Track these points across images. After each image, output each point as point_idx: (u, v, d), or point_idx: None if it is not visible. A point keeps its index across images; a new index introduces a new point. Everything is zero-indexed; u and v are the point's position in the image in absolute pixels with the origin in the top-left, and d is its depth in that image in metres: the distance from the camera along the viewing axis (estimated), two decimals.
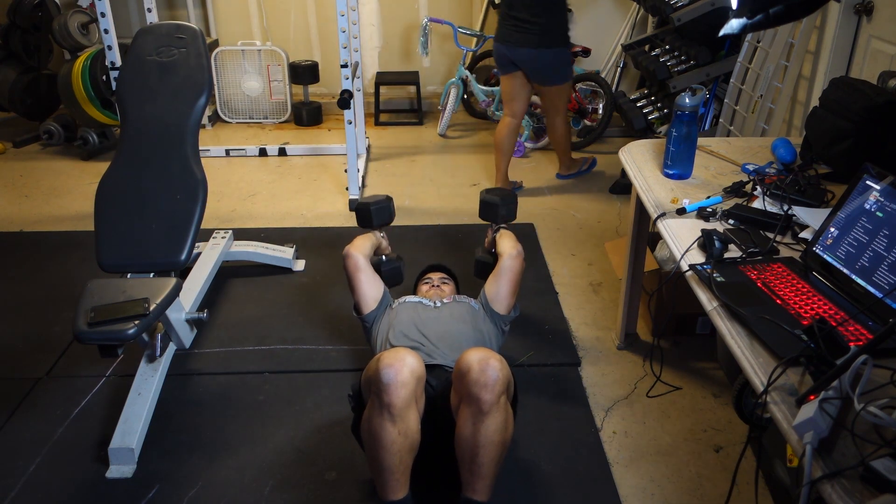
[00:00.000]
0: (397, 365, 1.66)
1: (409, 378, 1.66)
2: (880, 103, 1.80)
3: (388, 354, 1.70)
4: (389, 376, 1.64)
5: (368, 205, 2.44)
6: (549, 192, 3.87)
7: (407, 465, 1.69)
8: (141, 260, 2.17)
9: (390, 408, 1.64)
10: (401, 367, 1.66)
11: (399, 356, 1.69)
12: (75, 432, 2.15)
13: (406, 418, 1.66)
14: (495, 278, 2.25)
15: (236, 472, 2.00)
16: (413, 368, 1.68)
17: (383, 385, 1.64)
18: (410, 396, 1.67)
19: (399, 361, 1.67)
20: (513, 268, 2.23)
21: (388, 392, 1.64)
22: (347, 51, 3.36)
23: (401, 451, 1.66)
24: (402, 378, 1.65)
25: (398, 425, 1.65)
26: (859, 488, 0.96)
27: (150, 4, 3.99)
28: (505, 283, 2.23)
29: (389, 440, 1.65)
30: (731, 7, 1.60)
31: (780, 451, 1.77)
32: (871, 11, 2.73)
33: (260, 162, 4.35)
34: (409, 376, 1.67)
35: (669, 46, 4.07)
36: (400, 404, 1.64)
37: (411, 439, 1.68)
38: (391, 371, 1.65)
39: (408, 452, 1.68)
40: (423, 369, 1.74)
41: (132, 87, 2.39)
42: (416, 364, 1.71)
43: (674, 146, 1.98)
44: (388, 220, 2.51)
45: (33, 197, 3.81)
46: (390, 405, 1.64)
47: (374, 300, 2.23)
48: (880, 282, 1.35)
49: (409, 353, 1.73)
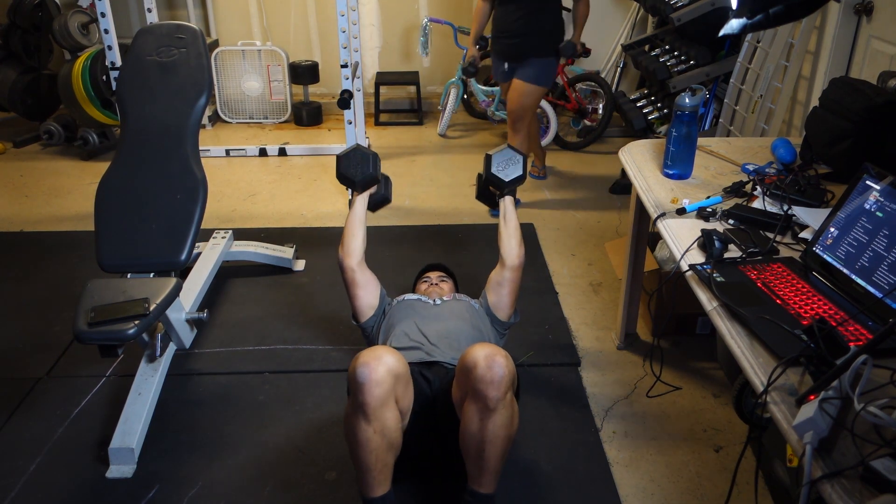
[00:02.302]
0: (372, 364, 1.65)
1: (384, 376, 1.65)
2: (880, 103, 1.80)
3: (365, 353, 1.70)
4: (364, 375, 1.64)
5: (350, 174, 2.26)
6: (549, 193, 3.87)
7: (385, 462, 1.69)
8: (141, 260, 2.17)
9: (365, 407, 1.64)
10: (376, 366, 1.65)
11: (375, 354, 1.68)
12: (75, 432, 2.15)
13: (382, 417, 1.66)
14: (498, 287, 2.23)
15: (236, 472, 2.00)
16: (390, 367, 1.67)
17: (357, 384, 1.64)
18: (386, 395, 1.66)
19: (375, 360, 1.66)
20: (516, 279, 2.23)
21: (362, 391, 1.63)
22: (347, 51, 3.36)
23: (377, 450, 1.66)
24: (376, 377, 1.64)
25: (373, 424, 1.65)
26: (859, 488, 0.96)
27: (150, 4, 3.99)
28: (507, 294, 2.22)
29: (365, 438, 1.65)
30: (731, 7, 1.60)
31: (780, 451, 1.77)
32: (870, 11, 2.73)
33: (260, 162, 4.36)
34: (385, 374, 1.65)
35: (669, 46, 4.07)
36: (374, 403, 1.64)
37: (389, 438, 1.68)
38: (365, 370, 1.64)
39: (386, 451, 1.68)
40: (402, 367, 1.72)
41: (132, 87, 2.39)
42: (395, 362, 1.69)
43: (674, 146, 1.98)
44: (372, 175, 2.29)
45: (33, 197, 3.82)
46: (364, 404, 1.63)
47: (370, 308, 2.22)
48: (880, 282, 1.35)
49: (389, 351, 1.72)
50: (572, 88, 4.52)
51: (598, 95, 4.60)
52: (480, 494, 1.72)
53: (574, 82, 4.56)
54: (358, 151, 2.29)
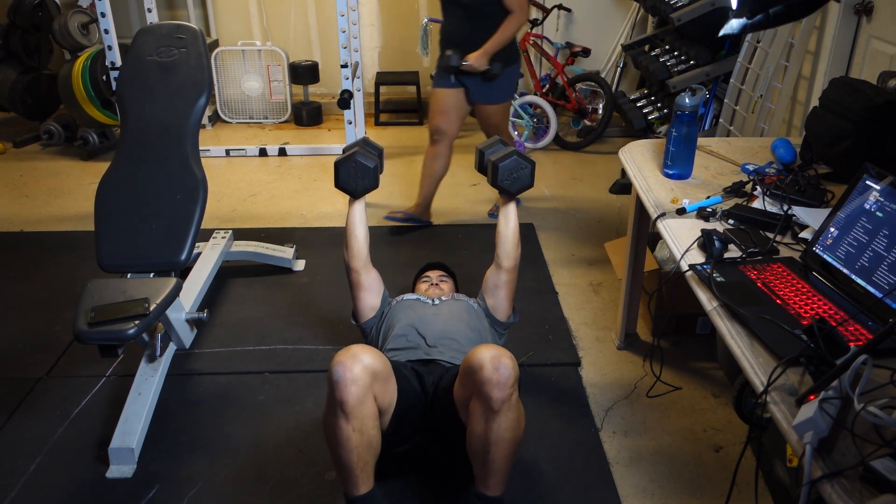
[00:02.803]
0: (348, 362, 1.65)
1: (360, 374, 1.65)
2: (880, 103, 1.80)
3: (342, 352, 1.69)
4: (339, 374, 1.63)
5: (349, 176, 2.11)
6: (550, 192, 3.87)
7: (366, 461, 1.68)
8: (141, 260, 2.17)
9: (342, 405, 1.63)
10: (351, 365, 1.65)
11: (351, 353, 1.68)
12: (75, 432, 2.15)
13: (360, 415, 1.65)
14: (495, 290, 2.23)
15: (236, 472, 2.00)
16: (366, 365, 1.67)
17: (333, 382, 1.64)
18: (363, 393, 1.65)
19: (350, 359, 1.66)
20: (512, 280, 2.22)
21: (338, 389, 1.63)
22: (347, 51, 3.37)
23: (358, 448, 1.66)
24: (351, 375, 1.63)
25: (352, 422, 1.64)
26: (859, 488, 0.96)
27: (150, 4, 4.00)
28: (504, 297, 2.22)
29: (345, 437, 1.65)
30: (731, 7, 1.60)
31: (780, 451, 1.77)
32: (871, 11, 2.73)
33: (260, 162, 4.35)
34: (361, 373, 1.65)
35: (669, 46, 4.07)
36: (351, 402, 1.63)
37: (368, 436, 1.67)
38: (341, 368, 1.64)
39: (366, 449, 1.68)
40: (380, 364, 1.72)
41: (132, 87, 2.39)
42: (372, 360, 1.69)
43: (674, 146, 1.98)
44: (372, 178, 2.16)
45: (33, 197, 3.82)
46: (342, 402, 1.63)
47: (371, 310, 2.22)
48: (880, 282, 1.35)
49: (365, 349, 1.72)
50: (572, 88, 4.52)
51: (598, 95, 4.60)
52: (487, 497, 1.71)
53: (574, 82, 4.56)
54: (358, 161, 2.09)
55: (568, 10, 4.83)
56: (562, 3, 4.74)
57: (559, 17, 4.86)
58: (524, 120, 4.42)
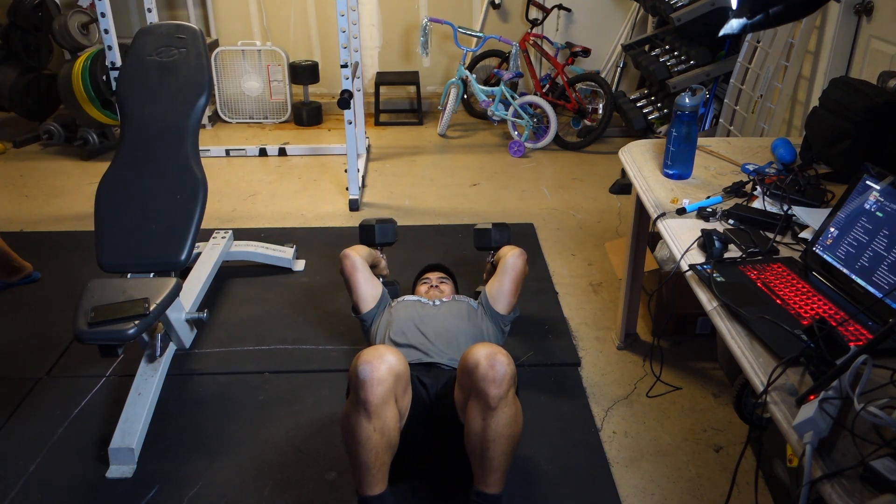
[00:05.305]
0: (375, 362, 1.65)
1: (386, 375, 1.65)
2: (880, 103, 1.80)
3: (368, 351, 1.70)
4: (366, 373, 1.64)
5: (373, 223, 2.58)
6: (549, 192, 3.87)
7: (384, 461, 1.69)
8: (141, 260, 2.17)
9: (366, 405, 1.64)
10: (378, 364, 1.65)
11: (378, 353, 1.69)
12: (75, 432, 2.15)
13: (383, 416, 1.66)
14: (498, 277, 2.24)
15: (236, 472, 2.00)
16: (392, 366, 1.67)
17: (360, 381, 1.64)
18: (387, 394, 1.66)
19: (377, 359, 1.67)
20: (515, 266, 2.23)
21: (364, 388, 1.63)
22: (347, 51, 3.36)
23: (377, 448, 1.66)
24: (378, 375, 1.64)
25: (374, 422, 1.65)
26: (859, 488, 0.96)
27: (150, 4, 3.99)
28: (507, 282, 2.22)
29: (365, 436, 1.65)
30: (731, 7, 1.60)
31: (780, 451, 1.77)
32: (871, 11, 2.73)
33: (260, 162, 4.35)
34: (387, 373, 1.66)
35: (669, 46, 4.07)
36: (376, 401, 1.64)
37: (388, 437, 1.68)
38: (368, 367, 1.64)
39: (385, 450, 1.68)
40: (403, 367, 1.73)
41: (132, 87, 2.39)
42: (396, 362, 1.70)
43: (674, 146, 1.98)
44: (390, 240, 2.60)
45: (33, 197, 3.81)
46: (366, 402, 1.64)
47: (372, 299, 2.23)
48: (880, 282, 1.35)
49: (391, 350, 1.72)
50: (572, 88, 4.52)
51: (598, 95, 4.60)
52: (486, 495, 1.71)
53: (574, 82, 4.56)
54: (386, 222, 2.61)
55: (568, 10, 4.84)
56: (562, 3, 4.75)
57: (559, 17, 4.87)
58: (524, 120, 4.42)
